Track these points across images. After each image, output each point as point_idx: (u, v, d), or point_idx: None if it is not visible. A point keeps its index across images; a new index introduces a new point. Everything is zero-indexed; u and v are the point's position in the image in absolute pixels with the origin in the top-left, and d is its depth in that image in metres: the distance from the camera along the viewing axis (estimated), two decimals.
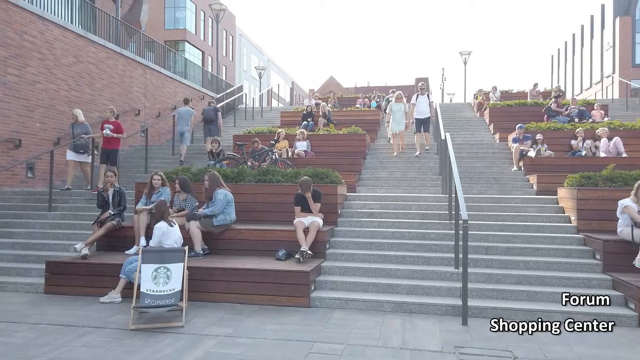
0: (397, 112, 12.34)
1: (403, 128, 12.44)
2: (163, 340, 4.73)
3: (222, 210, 7.28)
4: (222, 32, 41.60)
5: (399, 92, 12.88)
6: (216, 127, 13.69)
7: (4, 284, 6.77)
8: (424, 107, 12.56)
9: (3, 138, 10.23)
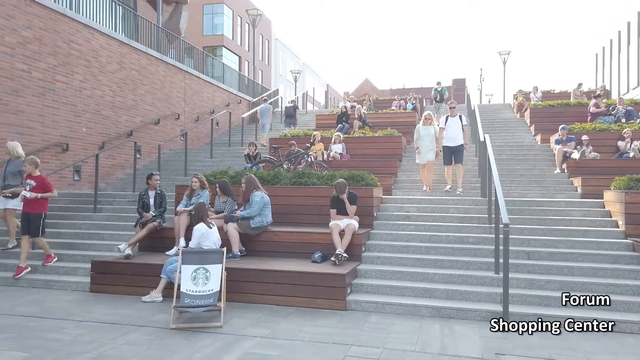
0: (426, 138, 9.97)
1: (432, 158, 9.95)
2: (202, 340, 4.83)
3: (259, 212, 7.36)
4: (258, 37, 42.21)
5: (428, 113, 10.47)
6: (295, 120, 16.82)
7: (52, 282, 7.08)
8: (455, 132, 9.68)
9: (52, 142, 10.71)
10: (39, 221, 7.27)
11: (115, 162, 12.80)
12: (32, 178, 7.25)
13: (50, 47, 10.69)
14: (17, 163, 8.11)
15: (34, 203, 7.21)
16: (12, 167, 8.13)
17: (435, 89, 19.27)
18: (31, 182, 7.22)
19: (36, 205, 7.24)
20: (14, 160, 8.19)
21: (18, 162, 8.09)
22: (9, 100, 9.61)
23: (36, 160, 7.37)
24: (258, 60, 42.14)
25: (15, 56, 9.79)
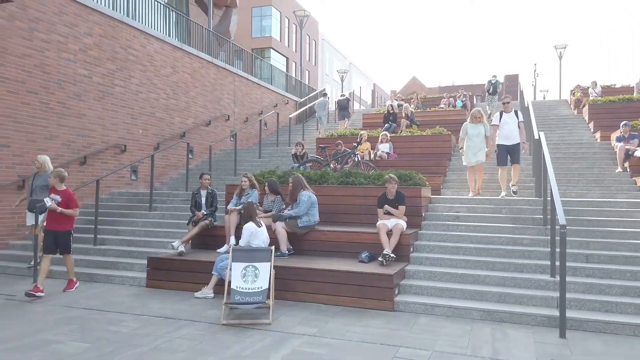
0: (475, 138, 8.94)
1: (483, 159, 8.95)
2: (252, 337, 4.93)
3: (306, 212, 7.42)
4: (305, 38, 42.55)
5: (477, 110, 9.21)
6: (347, 112, 17.82)
7: (112, 277, 7.45)
8: (511, 130, 8.88)
9: (111, 144, 11.26)
10: (69, 237, 6.88)
11: (169, 163, 13.28)
12: (58, 192, 6.78)
13: (109, 53, 11.24)
14: (45, 177, 7.77)
15: (61, 219, 6.73)
16: (40, 181, 7.85)
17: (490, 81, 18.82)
18: (56, 196, 6.72)
19: (63, 222, 6.78)
20: (41, 174, 7.91)
21: (46, 175, 7.73)
22: (72, 104, 10.19)
23: (63, 173, 6.86)
24: (305, 60, 42.47)
25: (78, 62, 10.36)
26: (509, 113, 9.01)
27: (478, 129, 8.93)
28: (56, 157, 9.78)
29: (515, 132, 8.86)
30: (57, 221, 6.73)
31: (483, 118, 9.08)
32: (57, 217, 6.69)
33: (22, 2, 9.00)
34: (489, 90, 18.83)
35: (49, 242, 6.72)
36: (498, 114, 9.16)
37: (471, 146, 8.96)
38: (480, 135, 8.91)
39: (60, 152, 9.91)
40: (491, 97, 18.75)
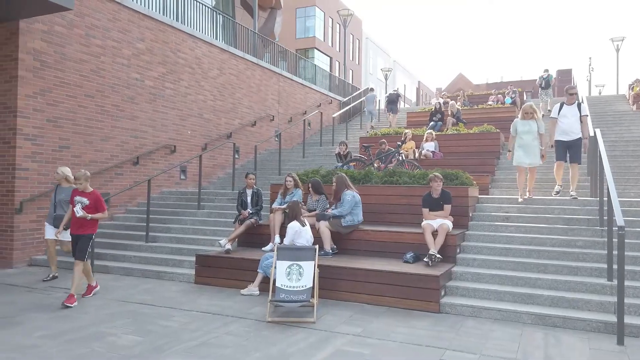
0: (526, 135, 8.12)
1: (537, 161, 8.13)
2: (297, 335, 4.97)
3: (350, 211, 7.41)
4: (349, 37, 42.46)
5: (529, 105, 8.36)
6: (396, 106, 18.20)
7: (163, 273, 7.72)
8: (571, 123, 8.00)
9: (162, 144, 11.67)
10: (88, 243, 6.36)
11: (216, 163, 13.62)
12: (85, 195, 6.30)
13: (159, 56, 11.65)
14: (68, 190, 7.32)
15: (85, 223, 6.30)
16: (65, 194, 7.39)
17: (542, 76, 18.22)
18: (84, 199, 6.27)
19: (87, 225, 6.34)
20: (64, 187, 7.50)
21: (70, 188, 7.31)
22: (125, 106, 10.64)
23: (89, 174, 6.44)
24: (348, 60, 42.40)
25: (131, 67, 10.81)
26: (570, 105, 8.10)
27: (529, 126, 8.13)
28: (111, 158, 10.25)
29: (576, 127, 8.00)
30: (81, 225, 6.31)
31: (536, 113, 8.23)
32: (81, 221, 6.28)
33: (80, 10, 9.48)
34: (541, 85, 18.18)
35: (74, 246, 6.38)
36: (557, 106, 8.31)
37: (522, 145, 8.15)
38: (532, 133, 8.10)
39: (115, 152, 10.37)
40: (544, 91, 18.11)
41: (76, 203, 6.24)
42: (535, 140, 8.12)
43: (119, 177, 10.48)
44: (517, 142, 8.24)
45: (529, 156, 8.11)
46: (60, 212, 7.34)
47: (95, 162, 9.89)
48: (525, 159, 8.13)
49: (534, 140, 8.12)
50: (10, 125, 8.42)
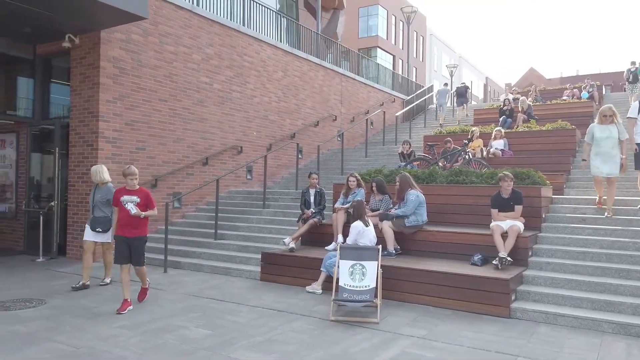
0: (605, 142, 7.19)
1: (615, 171, 7.17)
2: (360, 334, 4.97)
3: (414, 211, 7.29)
4: (412, 34, 41.76)
5: (608, 107, 7.34)
6: (466, 99, 19.30)
7: (230, 270, 7.99)
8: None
9: (229, 146, 12.09)
10: (144, 246, 6.00)
11: (281, 163, 13.90)
12: (134, 193, 5.83)
13: (227, 60, 12.07)
14: (105, 190, 6.99)
15: (139, 223, 5.81)
16: (101, 195, 6.97)
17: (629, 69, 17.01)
18: (134, 197, 5.78)
19: (142, 226, 5.88)
20: (101, 187, 7.04)
21: (107, 189, 7.00)
22: (196, 109, 11.13)
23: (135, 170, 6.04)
24: (412, 57, 41.69)
25: (200, 71, 11.28)
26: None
27: (609, 131, 7.19)
28: (182, 159, 10.76)
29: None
30: (135, 226, 5.79)
31: (616, 117, 7.24)
32: (133, 221, 5.74)
33: (154, 19, 10.03)
34: (629, 79, 16.92)
35: (123, 250, 5.78)
36: (636, 104, 7.53)
37: (599, 153, 7.21)
38: (612, 139, 7.16)
39: (186, 153, 10.87)
40: (632, 86, 16.86)
41: (125, 202, 5.68)
42: (616, 148, 7.20)
43: (190, 177, 10.98)
44: (594, 149, 7.33)
45: (607, 164, 7.17)
46: (99, 213, 6.90)
47: (168, 162, 10.42)
48: (603, 168, 7.20)
49: (614, 148, 7.19)
50: (93, 129, 9.07)
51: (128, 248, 5.78)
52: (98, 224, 6.88)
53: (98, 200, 6.94)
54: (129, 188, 5.85)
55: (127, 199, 5.75)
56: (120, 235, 5.81)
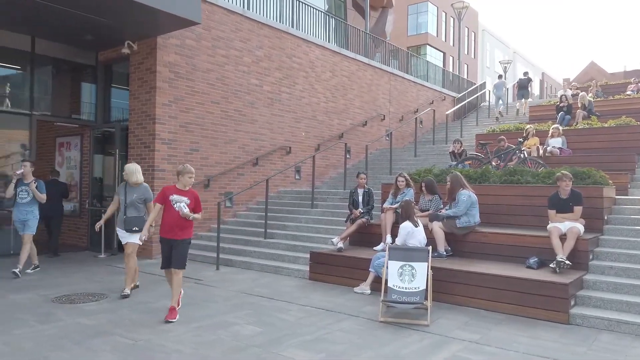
0: None
1: None
2: (409, 337, 4.90)
3: (466, 212, 7.11)
4: (463, 31, 40.71)
5: None
6: (527, 92, 18.29)
7: (279, 269, 8.11)
8: None
9: (278, 146, 12.27)
10: (188, 248, 5.64)
11: (329, 163, 13.94)
12: (185, 193, 5.50)
13: (276, 62, 12.25)
14: (142, 190, 6.66)
15: (186, 225, 5.49)
16: (138, 194, 6.59)
17: None
18: (184, 198, 5.44)
19: (188, 228, 5.55)
20: (134, 187, 6.63)
21: (143, 188, 6.68)
22: (247, 111, 11.37)
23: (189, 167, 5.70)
24: (463, 54, 40.65)
25: (251, 73, 11.52)
26: None
27: None
28: (234, 159, 11.02)
29: None
30: (181, 227, 5.44)
31: None
32: (181, 222, 5.41)
33: (207, 24, 10.34)
34: None
35: (168, 253, 5.49)
36: None
37: None
38: None
39: (237, 154, 11.13)
40: None
41: (174, 202, 5.38)
42: None
43: (241, 177, 11.23)
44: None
45: None
46: (133, 213, 6.51)
47: (220, 163, 10.71)
48: None
49: None
50: (150, 131, 9.47)
51: (170, 250, 5.45)
52: (134, 224, 6.45)
53: (134, 200, 6.53)
54: (180, 187, 5.49)
55: (177, 198, 5.40)
56: (165, 237, 5.44)
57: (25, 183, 7.77)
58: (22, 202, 7.72)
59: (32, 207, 7.79)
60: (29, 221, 7.73)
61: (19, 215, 7.73)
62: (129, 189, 6.61)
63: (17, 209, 7.75)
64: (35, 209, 7.85)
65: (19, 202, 7.73)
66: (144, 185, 6.75)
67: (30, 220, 7.75)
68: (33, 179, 7.84)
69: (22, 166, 7.83)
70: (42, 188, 7.89)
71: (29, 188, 7.75)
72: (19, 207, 7.73)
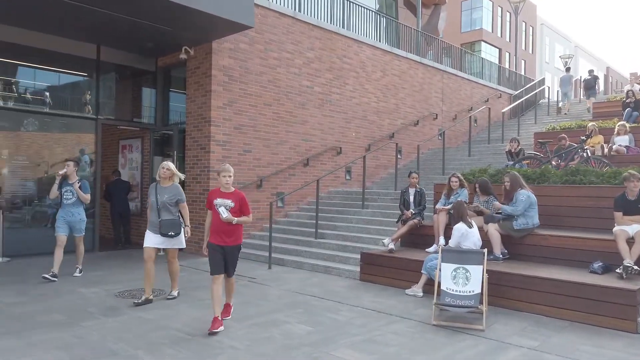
0: None
1: None
2: (464, 341, 4.78)
3: (524, 213, 6.85)
4: (520, 25, 39.21)
5: None
6: (594, 91, 17.48)
7: (330, 269, 8.15)
8: None
9: (329, 147, 12.32)
10: (237, 256, 5.28)
11: (379, 163, 13.84)
12: (228, 196, 5.09)
13: (327, 63, 12.32)
14: (174, 189, 6.12)
15: (236, 229, 5.10)
16: (169, 195, 6.05)
17: None
18: (227, 201, 5.04)
19: (239, 232, 5.17)
20: (166, 186, 6.09)
21: (174, 187, 6.15)
22: (298, 112, 11.51)
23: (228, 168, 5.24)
24: (520, 49, 39.14)
25: (302, 75, 11.65)
26: None
27: None
28: (285, 160, 11.18)
29: None
30: (228, 232, 5.07)
31: None
32: (227, 227, 5.05)
33: (260, 28, 10.56)
34: None
35: (218, 260, 5.08)
36: None
37: None
38: None
39: (288, 155, 11.28)
40: None
41: (218, 206, 5.03)
42: None
43: (292, 177, 11.38)
44: None
45: None
46: (167, 216, 6.01)
47: (272, 164, 10.90)
48: None
49: None
50: (206, 133, 9.79)
51: (223, 257, 5.11)
52: (170, 228, 6.02)
53: (166, 201, 6.01)
54: (224, 190, 5.11)
55: (220, 202, 5.04)
56: (214, 243, 5.10)
57: (70, 183, 7.51)
58: (68, 202, 7.47)
59: (77, 208, 7.53)
60: (75, 223, 7.50)
61: (64, 215, 7.45)
62: (160, 189, 6.08)
63: (62, 210, 7.49)
64: (81, 210, 7.60)
65: (65, 202, 7.47)
66: (175, 184, 6.21)
67: (76, 222, 7.52)
68: (77, 178, 7.59)
69: (65, 166, 7.53)
70: (86, 188, 7.60)
71: (73, 188, 7.50)
72: (64, 208, 7.48)
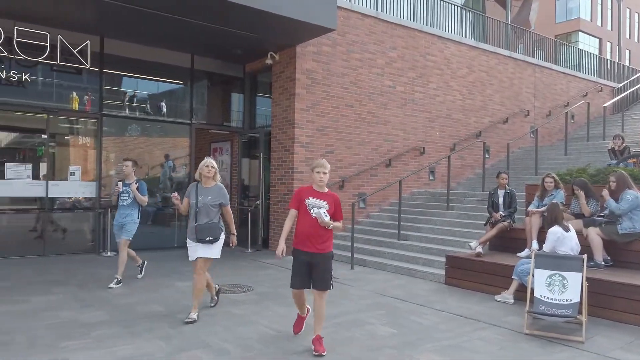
0: None
1: None
2: (560, 353, 4.47)
3: (630, 216, 6.26)
4: (624, 12, 35.81)
5: None
6: None
7: (413, 271, 8.00)
8: None
9: (411, 147, 12.11)
10: (331, 264, 4.55)
11: (465, 163, 13.34)
12: (323, 197, 4.46)
13: (410, 62, 12.11)
14: (216, 190, 5.42)
15: (327, 235, 4.44)
16: (212, 196, 5.37)
17: None
18: (322, 202, 4.40)
19: (329, 238, 4.49)
20: (209, 187, 5.40)
21: (218, 188, 5.44)
22: (379, 112, 11.44)
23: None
24: (624, 38, 35.73)
25: (384, 75, 11.56)
26: None
27: None
28: (367, 161, 11.17)
29: None
30: (321, 238, 4.41)
31: None
32: (320, 232, 4.38)
33: (342, 30, 10.64)
34: None
35: (303, 272, 4.46)
36: None
37: None
38: None
39: (370, 156, 11.25)
40: None
41: (311, 207, 4.37)
42: None
43: (374, 178, 11.33)
44: None
45: None
46: (204, 219, 5.31)
47: (354, 165, 10.93)
48: None
49: None
50: (290, 135, 10.06)
51: (309, 268, 4.42)
52: (207, 232, 5.30)
53: (209, 203, 5.33)
54: (317, 188, 4.46)
55: (315, 203, 4.38)
56: (301, 249, 4.42)
57: (127, 184, 7.05)
58: (123, 204, 7.01)
59: (131, 210, 6.99)
60: (126, 225, 6.95)
61: (117, 218, 7.04)
62: (202, 190, 5.35)
63: (117, 212, 7.09)
64: (134, 212, 7.03)
65: (120, 204, 7.03)
66: (219, 185, 5.49)
67: (127, 224, 6.95)
68: (135, 179, 7.11)
69: (123, 166, 7.13)
70: (143, 189, 7.05)
71: (129, 189, 6.99)
72: (119, 210, 7.05)
